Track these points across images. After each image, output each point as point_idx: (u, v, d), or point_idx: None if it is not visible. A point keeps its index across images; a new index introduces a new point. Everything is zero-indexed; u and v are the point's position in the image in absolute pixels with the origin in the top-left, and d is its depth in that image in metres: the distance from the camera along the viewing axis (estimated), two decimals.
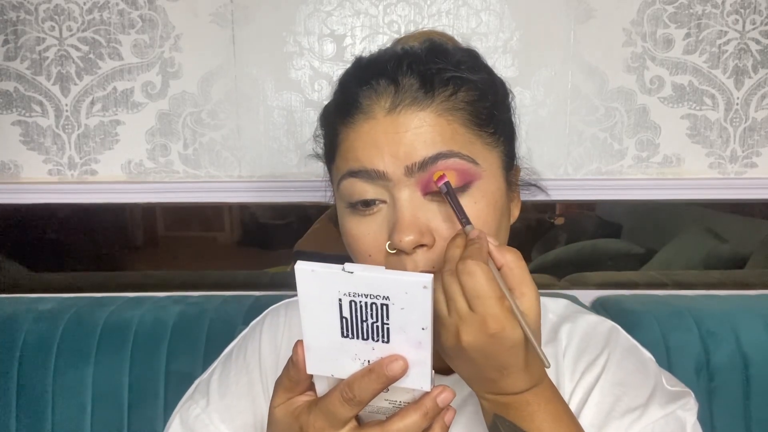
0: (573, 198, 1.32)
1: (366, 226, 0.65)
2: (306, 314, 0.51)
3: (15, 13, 1.26)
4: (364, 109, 0.64)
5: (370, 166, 0.63)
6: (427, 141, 0.62)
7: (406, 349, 0.51)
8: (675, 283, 1.37)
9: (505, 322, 0.53)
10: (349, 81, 0.68)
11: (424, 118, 0.62)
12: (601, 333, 0.76)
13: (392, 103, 0.63)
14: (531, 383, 0.58)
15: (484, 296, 0.53)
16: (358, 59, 0.71)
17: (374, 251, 0.65)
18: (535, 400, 0.58)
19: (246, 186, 1.31)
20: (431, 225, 0.63)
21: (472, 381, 0.59)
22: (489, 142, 0.66)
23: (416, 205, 0.63)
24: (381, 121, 0.63)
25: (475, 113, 0.65)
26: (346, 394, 0.52)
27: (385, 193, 0.64)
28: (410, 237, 0.60)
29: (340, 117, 0.67)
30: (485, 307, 0.53)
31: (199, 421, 0.76)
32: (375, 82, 0.64)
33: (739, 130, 1.29)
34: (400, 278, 0.48)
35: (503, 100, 0.71)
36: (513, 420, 0.58)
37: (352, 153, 0.65)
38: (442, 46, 0.68)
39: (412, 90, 0.63)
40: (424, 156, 0.61)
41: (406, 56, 0.66)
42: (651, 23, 1.25)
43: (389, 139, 0.62)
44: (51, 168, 1.32)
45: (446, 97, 0.63)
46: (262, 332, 0.82)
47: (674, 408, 0.69)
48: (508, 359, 0.55)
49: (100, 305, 1.20)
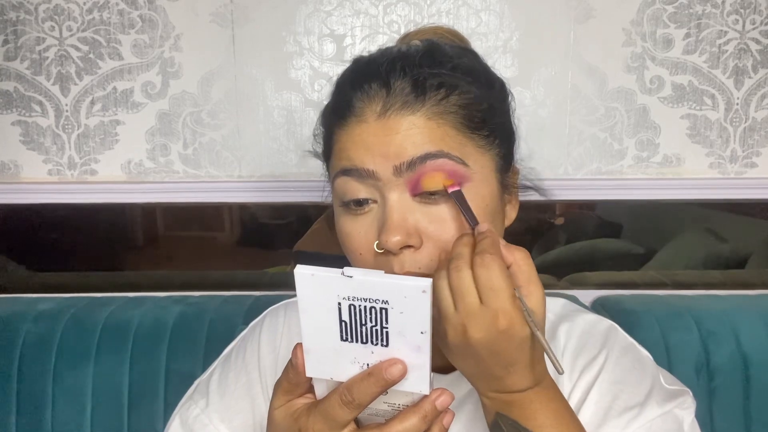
0: (573, 198, 1.32)
1: (358, 224, 0.66)
2: (305, 318, 0.51)
3: (15, 13, 1.26)
4: (357, 112, 0.65)
5: (360, 165, 0.64)
6: (416, 142, 0.62)
7: (405, 352, 0.51)
8: (675, 283, 1.37)
9: (516, 319, 0.53)
10: (345, 83, 0.69)
11: (413, 122, 0.63)
12: (599, 332, 0.77)
13: (383, 106, 0.64)
14: (534, 382, 0.58)
15: (499, 289, 0.53)
16: (356, 60, 0.72)
17: (364, 250, 0.66)
18: (538, 398, 0.59)
19: (246, 186, 1.31)
20: (419, 227, 0.63)
21: (475, 378, 0.60)
22: (482, 144, 0.66)
23: (405, 206, 0.63)
24: (372, 125, 0.64)
25: (468, 116, 0.65)
26: (345, 397, 0.52)
27: (376, 193, 0.65)
28: (397, 238, 0.61)
29: (334, 118, 0.68)
30: (499, 301, 0.53)
31: (199, 421, 0.76)
32: (367, 86, 0.65)
33: (739, 130, 1.29)
34: (400, 282, 0.48)
35: (500, 103, 0.71)
36: (516, 418, 0.59)
37: (345, 153, 0.66)
38: (439, 47, 0.69)
39: (403, 94, 0.64)
40: (413, 156, 0.62)
41: (399, 59, 0.66)
42: (651, 23, 1.25)
43: (379, 141, 0.63)
44: (51, 168, 1.32)
45: (437, 101, 0.64)
46: (261, 333, 0.82)
47: (672, 406, 0.69)
48: (514, 356, 0.55)
49: (100, 305, 1.20)
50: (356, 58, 0.72)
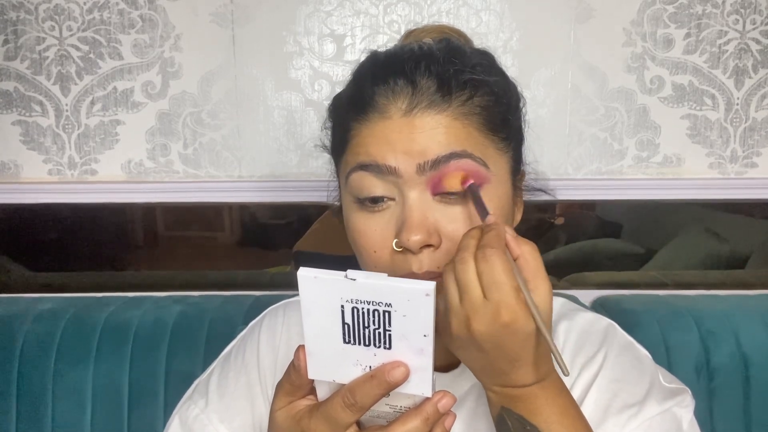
0: (573, 198, 1.32)
1: (373, 222, 0.65)
2: (308, 320, 0.51)
3: (15, 13, 1.25)
4: (380, 108, 0.64)
5: (381, 161, 0.63)
6: (441, 141, 0.62)
7: (408, 355, 0.51)
8: (675, 283, 1.37)
9: (519, 313, 0.53)
10: (365, 76, 0.68)
11: (440, 121, 0.63)
12: (598, 330, 0.77)
13: (409, 104, 0.63)
14: (540, 377, 0.58)
15: (501, 283, 0.53)
16: (374, 54, 0.71)
17: (379, 248, 0.65)
18: (543, 393, 0.58)
19: (246, 186, 1.31)
20: (439, 226, 0.63)
21: (480, 372, 0.59)
22: (500, 147, 0.66)
23: (425, 205, 0.63)
24: (396, 122, 0.63)
25: (490, 118, 0.65)
26: (347, 400, 0.52)
27: (394, 190, 0.64)
28: (418, 237, 0.61)
29: (353, 112, 0.67)
30: (501, 295, 0.52)
31: (198, 421, 0.76)
32: (393, 82, 0.64)
33: (739, 130, 1.29)
34: (403, 286, 0.48)
35: (516, 106, 0.72)
36: (521, 413, 0.58)
37: (364, 148, 0.65)
38: (459, 47, 0.69)
39: (430, 92, 0.63)
40: (438, 154, 0.62)
41: (423, 56, 0.66)
42: (651, 23, 1.25)
43: (403, 138, 0.62)
44: (51, 168, 1.32)
45: (462, 102, 0.64)
46: (260, 333, 0.82)
47: (671, 405, 0.69)
48: (519, 351, 0.55)
49: (100, 305, 1.20)
50: (373, 51, 0.71)
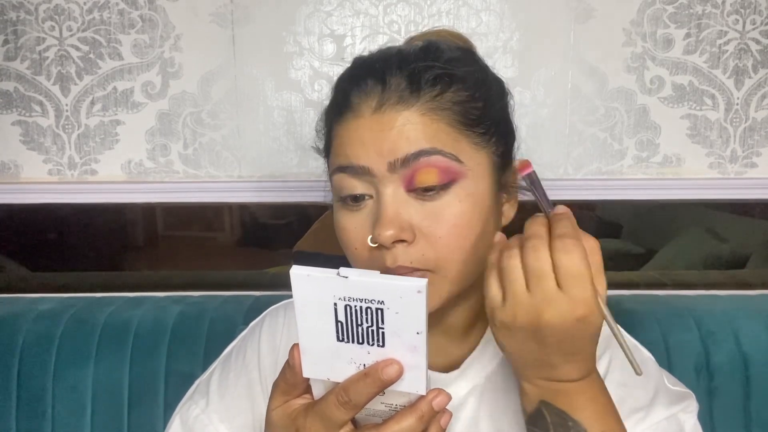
0: (573, 198, 1.32)
1: (354, 219, 0.67)
2: (302, 318, 0.52)
3: (15, 13, 1.26)
4: (353, 108, 0.66)
5: (356, 162, 0.65)
6: (410, 138, 0.63)
7: (402, 353, 0.51)
8: (675, 283, 1.36)
9: (594, 309, 0.53)
10: (344, 80, 0.71)
11: (408, 117, 0.63)
12: (602, 333, 0.77)
13: (378, 102, 0.64)
14: (586, 373, 0.58)
15: (581, 276, 0.52)
16: (355, 59, 0.73)
17: (359, 244, 0.66)
18: (590, 389, 0.59)
19: (246, 186, 1.31)
20: (413, 221, 0.64)
21: (527, 364, 0.59)
22: (477, 142, 0.66)
23: (399, 201, 0.64)
24: (368, 120, 0.65)
25: (463, 113, 0.65)
26: (341, 398, 0.52)
27: (371, 188, 0.65)
28: (390, 232, 0.62)
29: (333, 115, 0.70)
30: (580, 289, 0.52)
31: (199, 421, 0.77)
32: (364, 82, 0.66)
33: (739, 130, 1.29)
34: (395, 283, 0.48)
35: (497, 101, 0.71)
36: (563, 408, 0.58)
37: (341, 149, 0.67)
38: (436, 45, 0.69)
39: (399, 89, 0.64)
40: (407, 152, 0.63)
41: (396, 56, 0.67)
42: (651, 23, 1.25)
43: (374, 137, 0.64)
44: (51, 168, 1.32)
45: (432, 97, 0.64)
46: (261, 333, 0.83)
47: (677, 410, 0.70)
48: (582, 345, 0.55)
49: (100, 305, 1.20)
50: (356, 57, 0.73)
